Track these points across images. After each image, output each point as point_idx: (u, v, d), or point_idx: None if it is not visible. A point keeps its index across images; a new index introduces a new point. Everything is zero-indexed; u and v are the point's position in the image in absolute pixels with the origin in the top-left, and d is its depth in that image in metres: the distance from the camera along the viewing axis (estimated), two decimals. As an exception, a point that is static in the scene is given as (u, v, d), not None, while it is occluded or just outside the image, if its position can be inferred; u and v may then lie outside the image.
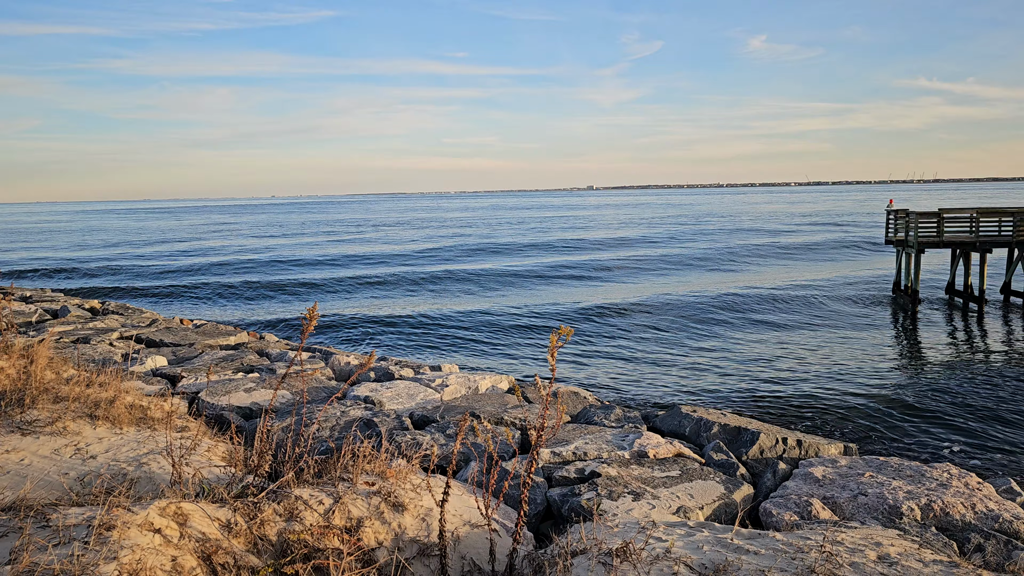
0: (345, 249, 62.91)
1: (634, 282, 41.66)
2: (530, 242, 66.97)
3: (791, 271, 46.49)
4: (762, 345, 25.39)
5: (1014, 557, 7.39)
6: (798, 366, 22.24)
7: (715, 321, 29.23)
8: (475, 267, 48.90)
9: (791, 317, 30.29)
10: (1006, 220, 31.03)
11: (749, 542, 6.13)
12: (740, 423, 11.59)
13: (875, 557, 6.01)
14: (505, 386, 14.61)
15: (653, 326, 28.25)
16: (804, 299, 34.60)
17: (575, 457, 9.80)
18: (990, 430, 16.02)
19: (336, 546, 5.34)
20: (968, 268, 32.82)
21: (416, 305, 34.75)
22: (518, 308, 32.62)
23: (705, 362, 22.89)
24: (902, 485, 9.14)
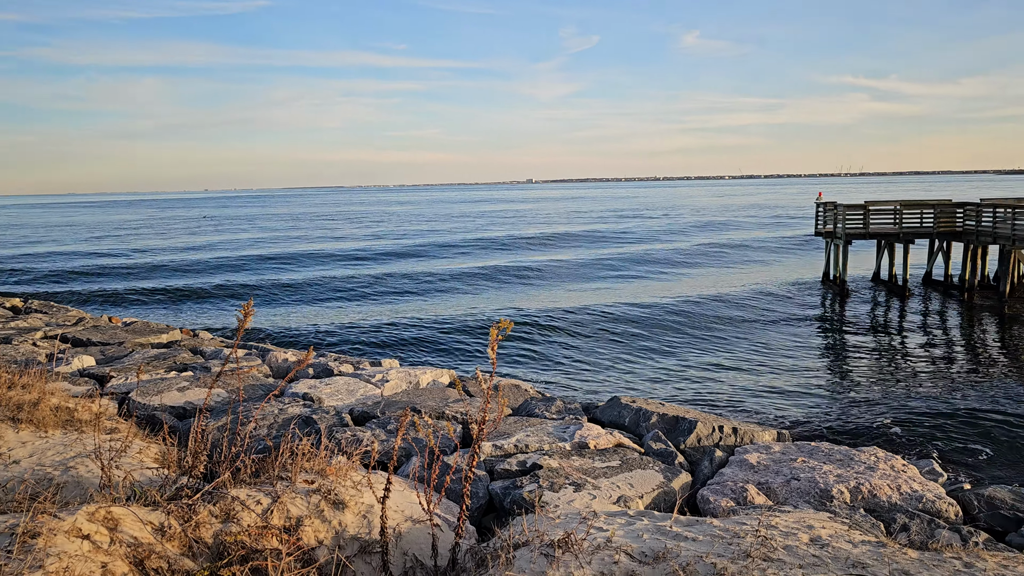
0: (282, 248, 61.58)
1: (573, 279, 41.96)
2: (473, 238, 66.83)
3: (724, 264, 47.47)
4: (697, 337, 25.87)
5: (936, 535, 7.69)
6: (733, 356, 22.73)
7: (653, 316, 29.65)
8: (416, 266, 48.59)
9: (724, 309, 30.93)
10: (927, 212, 32.24)
11: (687, 529, 6.25)
12: (678, 412, 11.79)
13: (807, 540, 6.19)
14: (446, 380, 14.57)
15: (593, 322, 28.52)
16: (737, 291, 35.37)
17: (517, 450, 9.83)
18: (915, 413, 16.63)
19: (275, 546, 5.25)
20: (892, 258, 34.01)
21: (357, 305, 34.38)
22: (459, 307, 32.57)
23: (643, 355, 23.22)
24: (832, 469, 9.42)
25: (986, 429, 15.57)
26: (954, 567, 5.76)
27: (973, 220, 31.13)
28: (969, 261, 32.01)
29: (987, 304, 30.29)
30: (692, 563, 5.40)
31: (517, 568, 5.36)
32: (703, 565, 5.39)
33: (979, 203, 31.51)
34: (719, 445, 10.87)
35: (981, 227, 30.61)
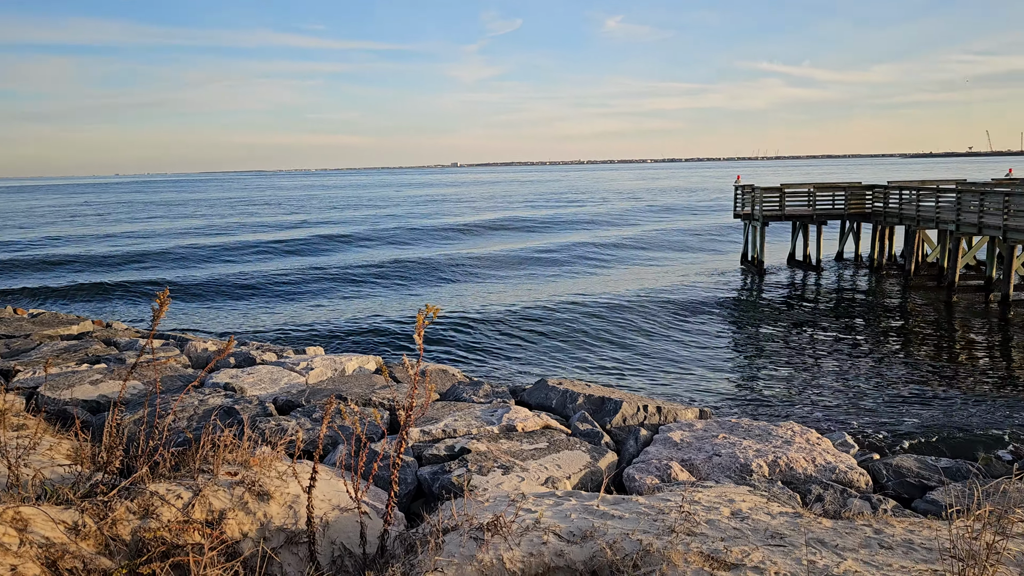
0: (199, 239, 59.36)
1: (500, 267, 42.04)
2: (397, 227, 66.16)
3: (646, 247, 48.30)
4: (621, 318, 26.29)
5: (849, 504, 8.03)
6: (656, 336, 23.19)
7: (579, 299, 29.97)
8: (342, 255, 47.85)
9: (647, 291, 31.50)
10: (839, 195, 33.45)
11: (614, 507, 6.36)
12: (604, 393, 11.97)
13: (729, 513, 6.38)
14: (373, 367, 14.43)
15: (520, 309, 28.66)
16: (659, 274, 36.07)
17: (445, 434, 9.82)
18: (828, 388, 17.30)
19: (197, 541, 5.12)
20: (807, 239, 35.20)
21: (282, 295, 33.69)
22: (385, 296, 32.25)
23: (571, 339, 23.46)
24: (752, 444, 9.72)
25: (894, 401, 16.31)
26: (865, 534, 6.02)
27: (881, 202, 32.45)
28: (877, 241, 33.38)
29: (893, 281, 31.69)
30: (619, 540, 5.51)
31: (447, 552, 5.37)
32: (629, 542, 5.49)
33: (887, 186, 32.86)
34: (644, 424, 11.08)
35: (888, 208, 31.94)
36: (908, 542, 5.90)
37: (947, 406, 15.96)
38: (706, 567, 5.07)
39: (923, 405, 16.05)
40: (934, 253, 33.22)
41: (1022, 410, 15.64)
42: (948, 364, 19.36)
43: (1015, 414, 15.39)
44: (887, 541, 5.89)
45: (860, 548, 5.67)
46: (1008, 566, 5.24)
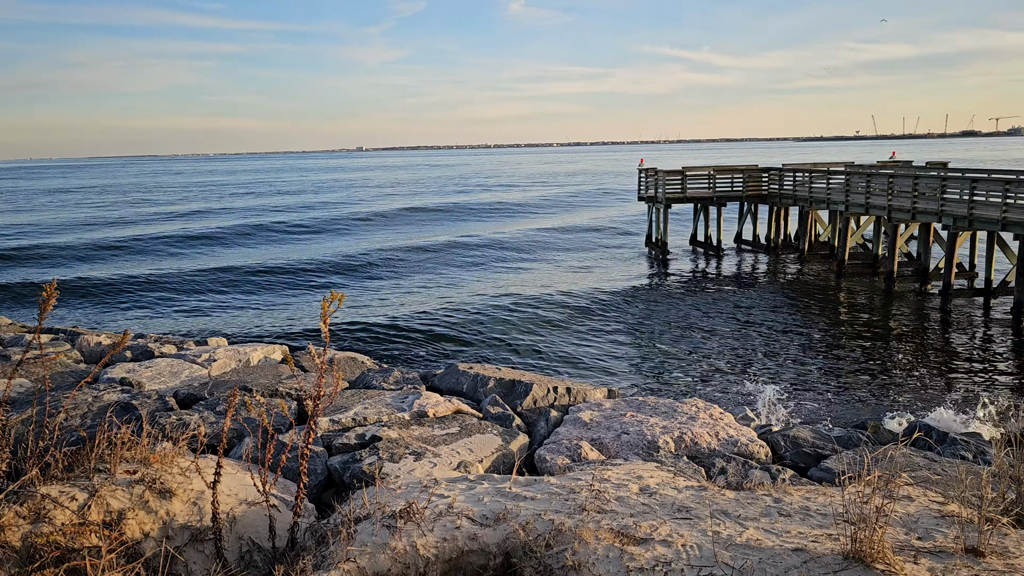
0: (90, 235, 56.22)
1: (407, 252, 41.68)
2: (302, 213, 64.62)
3: (550, 230, 48.76)
4: (528, 302, 26.51)
5: (750, 476, 8.36)
6: (564, 318, 23.49)
7: (480, 284, 30.05)
8: (242, 246, 46.44)
9: (554, 272, 31.86)
10: (737, 177, 34.56)
11: (526, 489, 6.43)
12: (514, 376, 12.06)
13: (637, 489, 6.54)
14: (279, 356, 14.10)
15: (423, 291, 28.52)
16: (564, 257, 36.51)
17: (355, 423, 9.70)
18: (729, 364, 17.94)
19: (94, 544, 4.90)
20: (708, 220, 36.28)
21: (184, 291, 32.44)
22: (292, 286, 31.51)
23: (478, 322, 23.51)
24: (658, 421, 9.99)
25: (791, 373, 17.06)
26: (765, 503, 6.28)
27: (776, 184, 33.71)
28: (774, 222, 34.69)
29: (789, 260, 33.04)
30: (531, 521, 5.57)
31: (359, 542, 5.31)
32: (541, 522, 5.57)
33: (781, 168, 34.15)
34: (554, 405, 11.23)
35: (783, 190, 33.21)
36: (805, 509, 6.18)
37: (839, 377, 16.78)
38: (617, 543, 5.18)
39: (817, 376, 16.83)
40: (826, 232, 34.78)
41: (906, 379, 16.60)
42: (840, 338, 20.34)
43: (900, 383, 16.32)
44: (786, 509, 6.16)
45: (761, 517, 5.91)
46: (895, 527, 5.56)
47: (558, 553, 5.14)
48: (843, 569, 4.72)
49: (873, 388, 15.98)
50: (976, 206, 22.67)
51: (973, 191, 22.80)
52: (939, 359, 18.20)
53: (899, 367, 17.51)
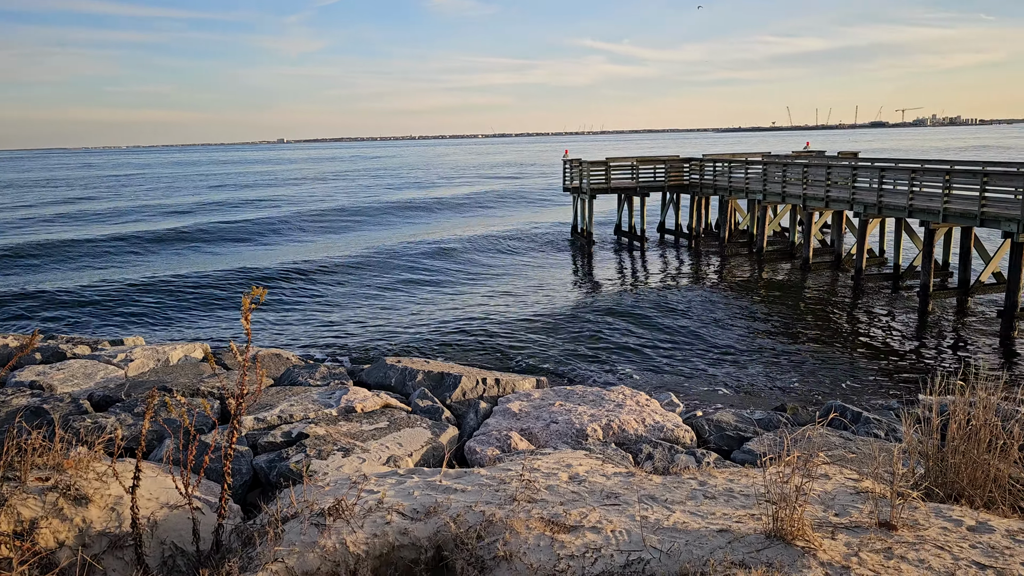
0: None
1: (327, 242, 41.03)
2: (224, 208, 62.90)
3: (479, 220, 48.74)
4: (457, 293, 26.46)
5: (676, 460, 8.54)
6: (492, 310, 23.53)
7: (410, 276, 29.85)
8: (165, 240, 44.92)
9: (481, 264, 31.87)
10: (660, 168, 35.16)
11: (456, 481, 6.42)
12: (443, 369, 12.02)
13: (567, 478, 6.61)
14: (199, 355, 13.72)
15: (350, 284, 28.15)
16: (492, 247, 36.56)
17: (281, 420, 9.52)
18: (655, 351, 18.27)
19: (4, 555, 4.68)
20: (631, 210, 36.82)
21: (87, 278, 31.18)
22: (201, 275, 30.64)
23: (406, 315, 23.34)
24: (587, 410, 10.11)
25: (714, 358, 17.50)
26: (691, 487, 6.42)
27: (697, 174, 34.44)
28: (695, 211, 35.44)
29: (710, 248, 33.83)
30: (462, 514, 5.57)
31: (287, 541, 5.22)
32: (472, 514, 5.57)
33: (702, 159, 34.89)
34: (483, 397, 11.24)
35: (704, 180, 33.95)
36: (729, 491, 6.35)
37: (758, 360, 17.29)
38: (547, 532, 5.23)
39: (738, 360, 17.30)
40: (745, 221, 35.72)
41: (823, 361, 17.22)
42: (760, 322, 20.95)
43: (817, 366, 16.92)
44: (711, 491, 6.31)
45: (687, 500, 6.04)
46: (814, 504, 5.76)
47: (489, 544, 5.15)
48: (765, 548, 4.87)
49: (791, 370, 16.53)
50: (885, 194, 23.64)
51: (882, 180, 23.76)
52: (852, 341, 18.93)
53: (816, 349, 18.15)
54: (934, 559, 4.76)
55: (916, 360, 17.38)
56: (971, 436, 6.18)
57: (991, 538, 5.19)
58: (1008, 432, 6.13)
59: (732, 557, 4.75)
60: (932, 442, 6.49)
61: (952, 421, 6.24)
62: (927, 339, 19.22)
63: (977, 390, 6.25)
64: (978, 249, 23.42)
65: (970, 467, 6.24)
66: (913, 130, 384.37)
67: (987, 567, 4.67)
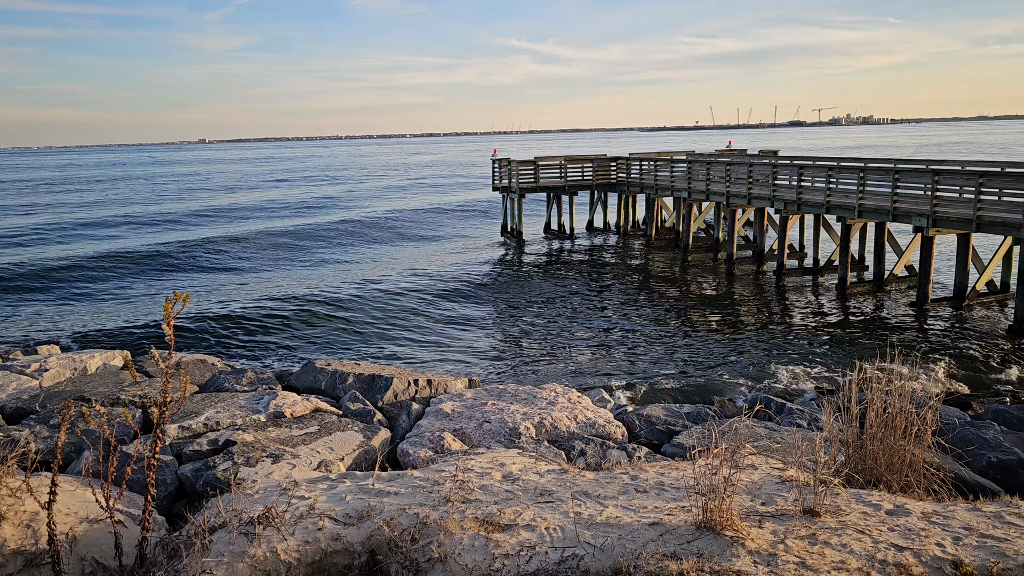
0: None
1: (252, 246, 40.19)
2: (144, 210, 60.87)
3: (407, 222, 48.44)
4: (387, 296, 26.24)
5: (608, 456, 8.65)
6: (423, 309, 23.41)
7: (341, 280, 29.46)
8: (78, 244, 43.24)
9: (411, 264, 31.68)
10: (587, 167, 35.55)
11: (389, 484, 6.36)
12: (374, 371, 11.90)
13: (500, 477, 6.62)
14: (119, 363, 13.26)
15: (280, 289, 27.63)
16: (421, 248, 36.37)
17: (207, 428, 9.27)
18: (586, 347, 18.45)
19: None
20: (560, 209, 37.14)
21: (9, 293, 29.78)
22: (121, 279, 29.63)
23: (337, 315, 23.03)
24: (519, 408, 10.14)
25: (643, 354, 17.79)
26: (623, 482, 6.51)
27: (624, 173, 34.94)
28: (622, 209, 35.96)
29: (638, 246, 34.38)
30: (396, 517, 5.52)
31: (215, 552, 5.08)
32: (406, 517, 5.52)
33: (628, 158, 35.41)
34: (415, 398, 11.17)
35: (631, 179, 34.48)
36: (660, 484, 6.46)
37: (686, 354, 17.65)
38: (482, 531, 5.22)
39: (667, 355, 17.63)
40: (671, 218, 36.42)
41: (749, 354, 17.68)
42: (686, 318, 21.38)
43: (743, 358, 17.36)
44: (642, 486, 6.41)
45: (619, 495, 6.12)
46: (742, 495, 5.91)
47: (424, 546, 5.12)
48: (696, 539, 4.97)
49: (718, 364, 16.92)
50: (803, 191, 24.42)
51: (800, 178, 24.54)
52: (775, 334, 19.50)
53: (741, 342, 18.63)
54: (855, 543, 4.94)
55: (836, 351, 18.00)
56: (887, 423, 6.44)
57: (908, 521, 5.41)
58: (922, 418, 6.41)
59: (664, 549, 4.83)
60: (852, 430, 6.74)
61: (870, 409, 6.49)
62: (845, 330, 19.93)
63: (892, 379, 6.51)
64: (891, 243, 24.42)
65: (887, 453, 6.50)
66: (829, 129, 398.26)
67: (905, 549, 4.86)
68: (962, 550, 4.84)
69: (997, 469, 8.28)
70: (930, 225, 19.93)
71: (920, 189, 20.44)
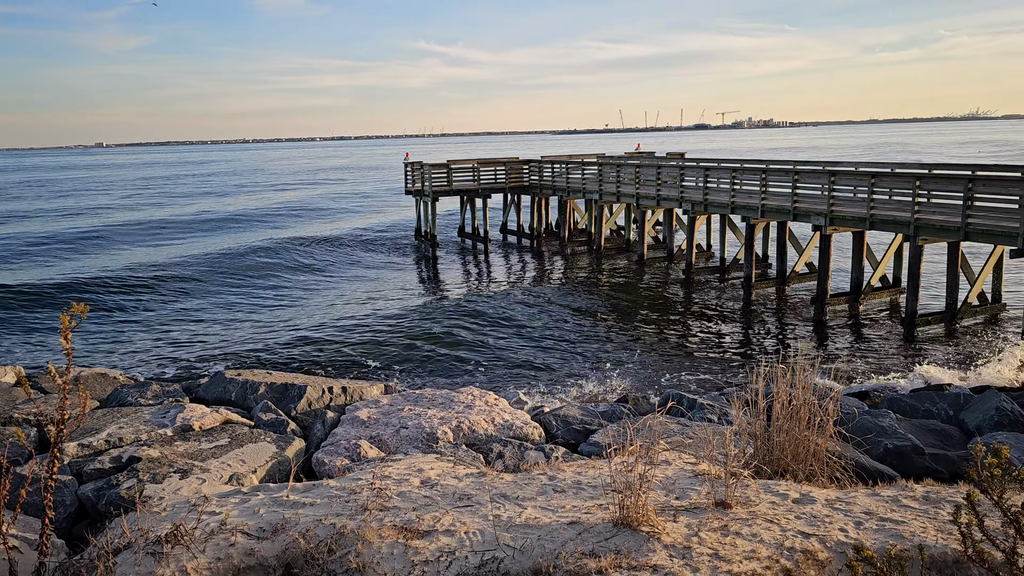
0: None
1: (158, 253, 38.75)
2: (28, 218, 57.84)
3: (319, 227, 47.61)
4: (299, 303, 25.72)
5: (526, 457, 8.69)
6: (337, 318, 23.03)
7: (250, 284, 28.70)
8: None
9: (324, 272, 31.13)
10: (500, 169, 35.69)
11: (304, 495, 6.22)
12: (287, 379, 11.63)
13: (418, 483, 6.56)
14: (11, 379, 12.55)
15: (184, 295, 26.71)
16: (335, 253, 35.79)
17: (109, 445, 8.88)
18: (502, 350, 18.51)
19: None
20: (474, 212, 37.15)
21: None
22: (10, 291, 28.09)
23: (246, 327, 22.42)
24: (436, 412, 10.09)
25: (559, 354, 17.96)
26: (541, 482, 6.55)
27: (537, 175, 35.23)
28: (536, 211, 36.25)
29: (551, 247, 34.72)
30: (312, 528, 5.40)
31: (120, 575, 4.87)
32: (323, 528, 5.41)
33: (540, 160, 35.72)
34: (330, 406, 10.98)
35: (543, 181, 34.78)
36: (578, 483, 6.53)
37: (601, 353, 17.91)
38: (400, 539, 5.16)
39: (583, 354, 17.85)
40: (584, 220, 36.92)
41: (661, 352, 18.08)
42: (601, 318, 21.70)
43: (655, 356, 17.74)
44: (560, 485, 6.47)
45: (538, 496, 6.16)
46: (657, 490, 6.03)
47: (341, 557, 5.03)
48: (614, 536, 5.04)
49: (632, 362, 17.24)
50: (710, 192, 25.16)
51: (707, 179, 25.28)
52: (686, 331, 20.01)
53: (654, 340, 19.04)
54: (765, 532, 5.10)
55: (744, 346, 18.60)
56: (793, 415, 6.68)
57: (813, 508, 5.62)
58: (824, 409, 6.68)
59: (583, 548, 4.88)
60: (759, 423, 6.96)
61: (776, 402, 6.72)
62: (753, 326, 20.61)
63: (797, 372, 6.76)
64: (792, 242, 25.39)
65: (793, 444, 6.75)
66: (732, 132, 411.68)
67: (811, 535, 5.06)
68: (863, 534, 5.06)
69: (894, 455, 8.71)
70: (828, 224, 20.81)
71: (818, 189, 21.33)
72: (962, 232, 17.48)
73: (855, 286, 21.77)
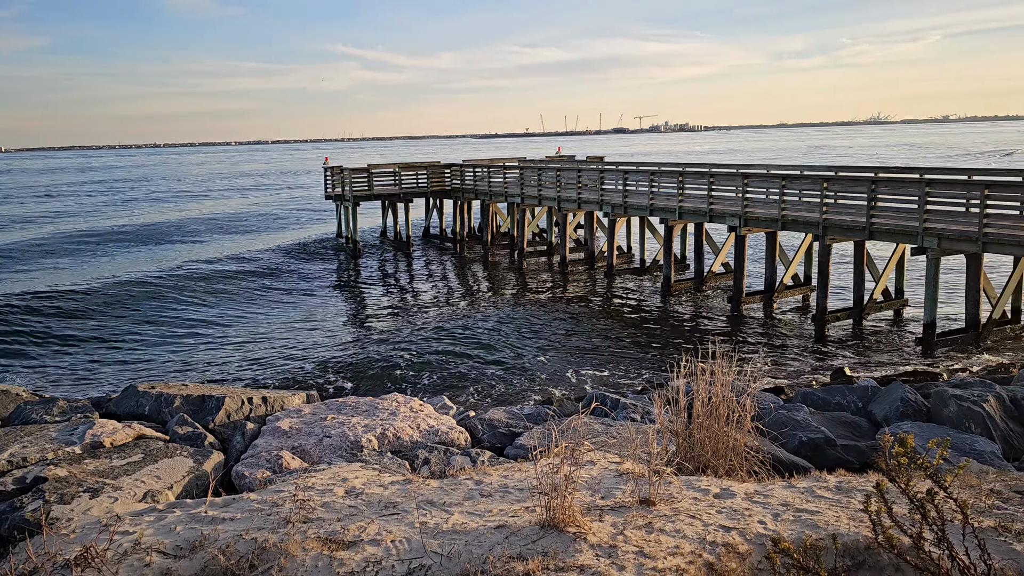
0: None
1: (60, 269, 37.13)
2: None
3: (236, 234, 46.46)
4: (219, 311, 25.03)
5: (452, 462, 8.65)
6: (258, 326, 22.50)
7: (164, 296, 27.75)
8: None
9: (244, 280, 30.37)
10: (422, 173, 35.52)
11: (224, 510, 6.04)
12: (204, 391, 11.28)
13: (343, 492, 6.45)
14: (-97, 399, 11.80)
15: (93, 310, 25.65)
16: (252, 261, 34.94)
17: (12, 466, 8.43)
18: (427, 353, 18.37)
19: None
20: (396, 216, 36.87)
21: None
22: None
23: (160, 339, 21.68)
24: (360, 420, 9.94)
25: (478, 358, 17.95)
26: (468, 487, 6.53)
27: (459, 179, 35.20)
28: (458, 215, 36.20)
29: (474, 251, 34.73)
30: (232, 544, 5.25)
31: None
32: (244, 543, 5.27)
33: (462, 164, 35.71)
34: (250, 417, 10.70)
35: (465, 185, 34.77)
36: (504, 487, 6.53)
37: (522, 355, 17.99)
38: (325, 551, 5.06)
39: (506, 357, 17.89)
40: (506, 223, 37.05)
41: (583, 352, 18.28)
42: (523, 320, 21.79)
43: (578, 357, 17.93)
44: (486, 489, 6.45)
45: (465, 501, 6.13)
46: (583, 491, 6.08)
47: (263, 572, 4.90)
48: (541, 538, 5.05)
49: (554, 363, 17.38)
50: (629, 195, 25.61)
51: (626, 182, 25.72)
52: (608, 332, 20.30)
53: (576, 342, 19.24)
54: (688, 528, 5.20)
55: (664, 345, 18.97)
56: (712, 412, 6.84)
57: (733, 502, 5.76)
58: (742, 405, 6.86)
59: (510, 551, 4.88)
60: (681, 421, 7.11)
61: (696, 400, 6.87)
62: (672, 325, 21.05)
63: (715, 370, 6.92)
64: (709, 243, 26.06)
65: (713, 440, 6.91)
66: (650, 136, 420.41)
67: (731, 529, 5.18)
68: (781, 525, 5.22)
69: (808, 447, 9.01)
70: (742, 225, 21.44)
71: (732, 192, 21.96)
72: (867, 231, 18.28)
73: (769, 284, 22.48)
